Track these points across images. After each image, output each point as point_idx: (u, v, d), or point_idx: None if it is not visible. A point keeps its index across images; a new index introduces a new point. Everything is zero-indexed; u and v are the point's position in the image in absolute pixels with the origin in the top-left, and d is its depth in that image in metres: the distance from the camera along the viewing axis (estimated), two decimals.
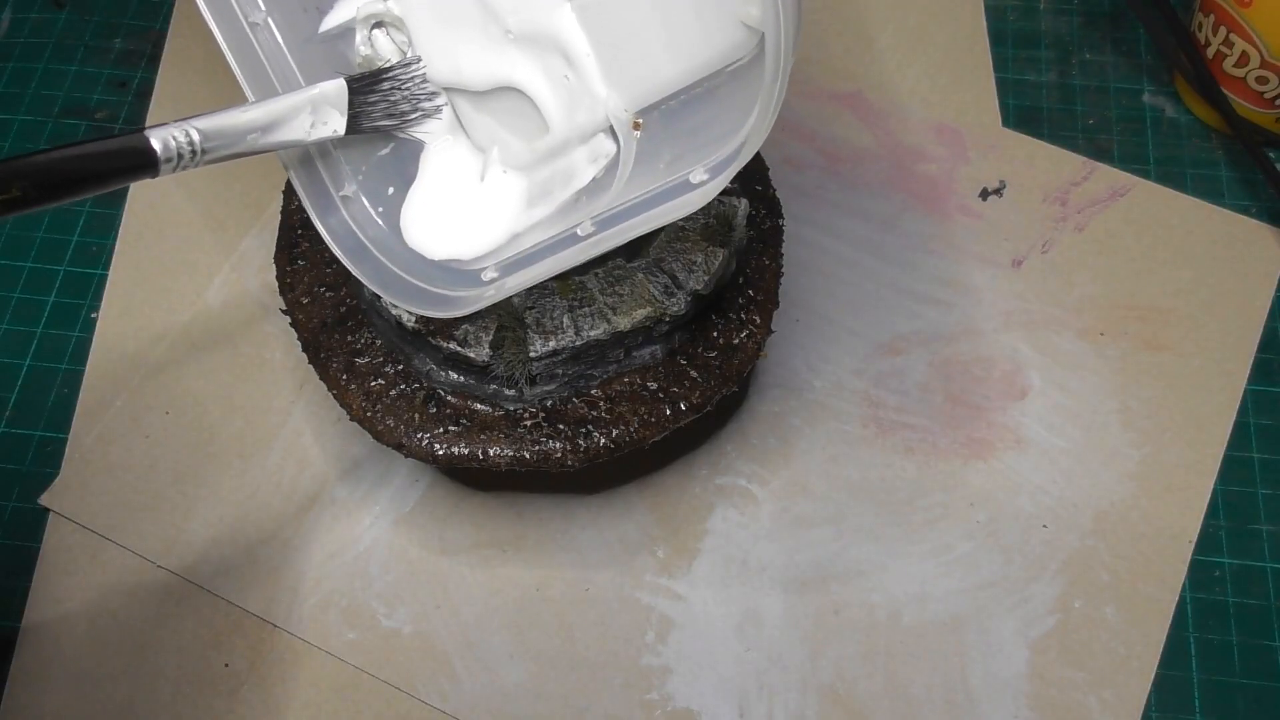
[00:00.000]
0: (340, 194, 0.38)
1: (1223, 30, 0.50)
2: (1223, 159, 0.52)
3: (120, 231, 0.50)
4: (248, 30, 0.36)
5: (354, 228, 0.38)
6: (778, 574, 0.43)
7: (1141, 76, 0.55)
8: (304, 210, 0.43)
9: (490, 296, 0.35)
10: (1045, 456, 0.45)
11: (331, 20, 0.38)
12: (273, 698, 0.40)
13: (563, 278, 0.38)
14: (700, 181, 0.32)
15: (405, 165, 0.39)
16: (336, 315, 0.41)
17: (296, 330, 0.41)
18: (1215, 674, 0.41)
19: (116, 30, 0.56)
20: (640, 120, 0.34)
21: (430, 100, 0.38)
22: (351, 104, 0.35)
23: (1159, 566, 0.43)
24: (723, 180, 0.31)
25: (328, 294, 0.41)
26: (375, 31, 0.38)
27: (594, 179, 0.36)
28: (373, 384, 0.40)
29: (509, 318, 0.38)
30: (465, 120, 0.38)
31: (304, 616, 0.42)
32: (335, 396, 0.40)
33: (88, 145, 0.27)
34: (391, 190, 0.38)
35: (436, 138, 0.38)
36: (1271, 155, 0.52)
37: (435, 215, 0.38)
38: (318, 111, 0.34)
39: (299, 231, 0.43)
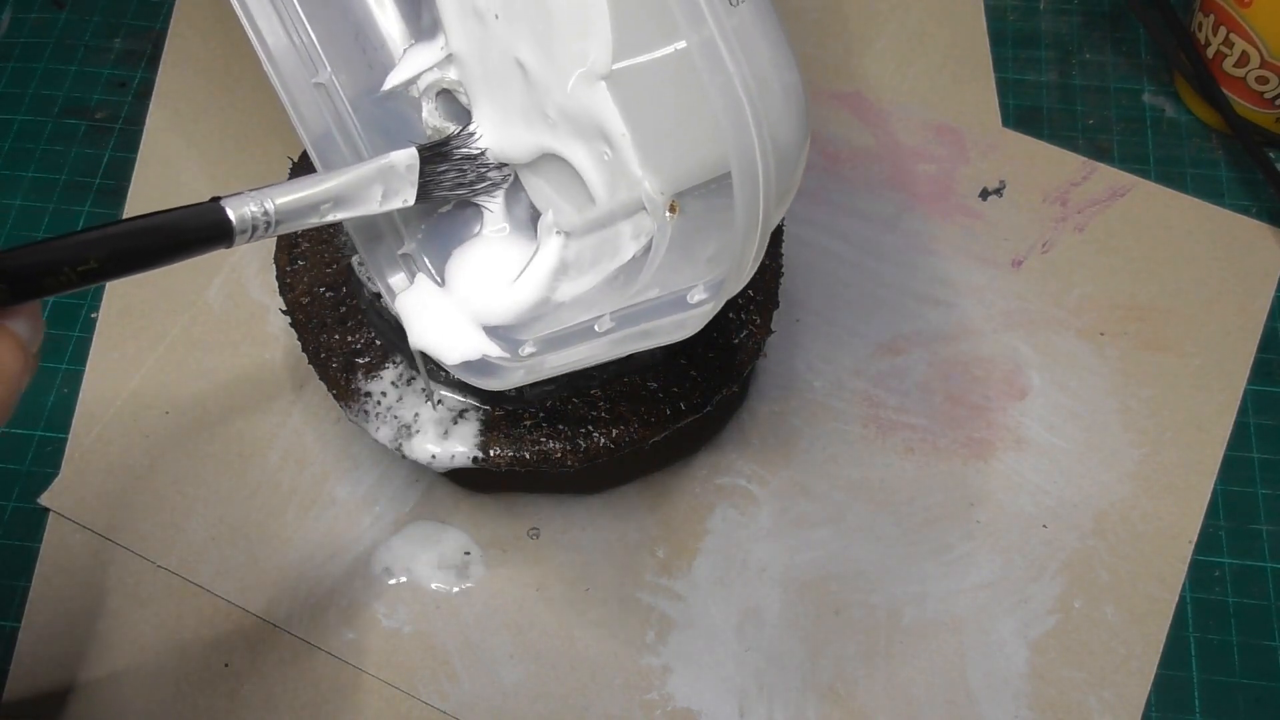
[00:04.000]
0: (400, 251, 0.37)
1: (1223, 30, 0.50)
2: (1223, 159, 0.52)
3: None
4: (313, 91, 0.35)
5: (409, 284, 0.37)
6: (778, 574, 0.43)
7: (1141, 76, 0.55)
8: None
9: (523, 375, 0.34)
10: (1045, 456, 0.45)
11: (394, 78, 0.37)
12: (273, 698, 0.40)
13: None
14: (698, 301, 0.30)
15: (465, 225, 0.38)
16: (336, 315, 0.41)
17: (296, 330, 0.41)
18: (1215, 674, 0.41)
19: (116, 30, 0.56)
20: (677, 204, 0.33)
21: (498, 170, 0.37)
22: (421, 173, 0.34)
23: (1159, 566, 0.43)
24: (717, 305, 0.28)
25: (328, 294, 0.41)
26: (439, 99, 0.38)
27: (634, 256, 0.35)
28: (373, 384, 0.40)
29: None
30: (524, 181, 0.38)
31: (304, 616, 0.42)
32: (335, 396, 0.40)
33: (165, 216, 0.27)
34: (450, 249, 0.38)
35: (498, 203, 0.38)
36: (1271, 155, 0.52)
37: (484, 278, 0.37)
38: (389, 181, 0.33)
39: (299, 232, 0.43)
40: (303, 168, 0.44)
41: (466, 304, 0.37)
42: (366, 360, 0.40)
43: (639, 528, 0.44)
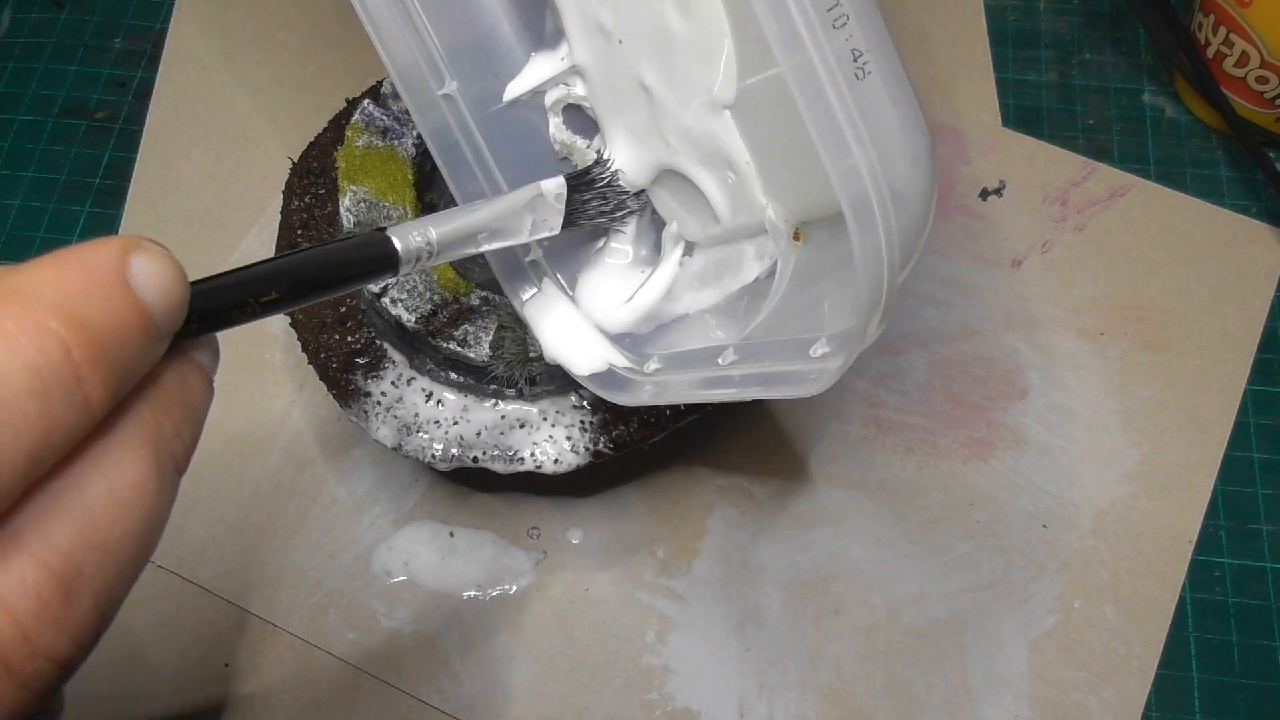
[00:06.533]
0: (527, 259, 0.37)
1: (1223, 30, 0.50)
2: (1223, 159, 0.52)
3: (120, 231, 0.50)
4: (440, 103, 0.35)
5: (538, 294, 0.37)
6: (778, 574, 0.43)
7: (1141, 76, 0.55)
8: (304, 209, 0.43)
9: (651, 392, 0.34)
10: (1045, 456, 0.45)
11: (517, 87, 0.37)
12: (273, 698, 0.40)
13: None
14: (820, 355, 0.28)
15: (593, 233, 0.38)
16: (336, 315, 0.41)
17: (296, 330, 0.41)
18: (1215, 674, 0.41)
19: (116, 30, 0.56)
20: (801, 232, 0.32)
21: (635, 198, 0.37)
22: (567, 201, 0.34)
23: (1159, 566, 0.43)
24: (845, 363, 0.27)
25: None
26: (565, 113, 0.37)
27: (757, 278, 0.35)
28: (373, 384, 0.40)
29: (509, 317, 0.38)
30: (649, 192, 0.37)
31: (304, 616, 0.42)
32: (335, 396, 0.40)
33: (338, 248, 0.27)
34: (577, 255, 0.38)
35: (630, 226, 0.38)
36: (1271, 155, 0.52)
37: (610, 290, 0.37)
38: (538, 210, 0.33)
39: (299, 232, 0.43)
40: (302, 167, 0.44)
41: (593, 311, 0.37)
42: (366, 360, 0.40)
43: (639, 528, 0.44)
